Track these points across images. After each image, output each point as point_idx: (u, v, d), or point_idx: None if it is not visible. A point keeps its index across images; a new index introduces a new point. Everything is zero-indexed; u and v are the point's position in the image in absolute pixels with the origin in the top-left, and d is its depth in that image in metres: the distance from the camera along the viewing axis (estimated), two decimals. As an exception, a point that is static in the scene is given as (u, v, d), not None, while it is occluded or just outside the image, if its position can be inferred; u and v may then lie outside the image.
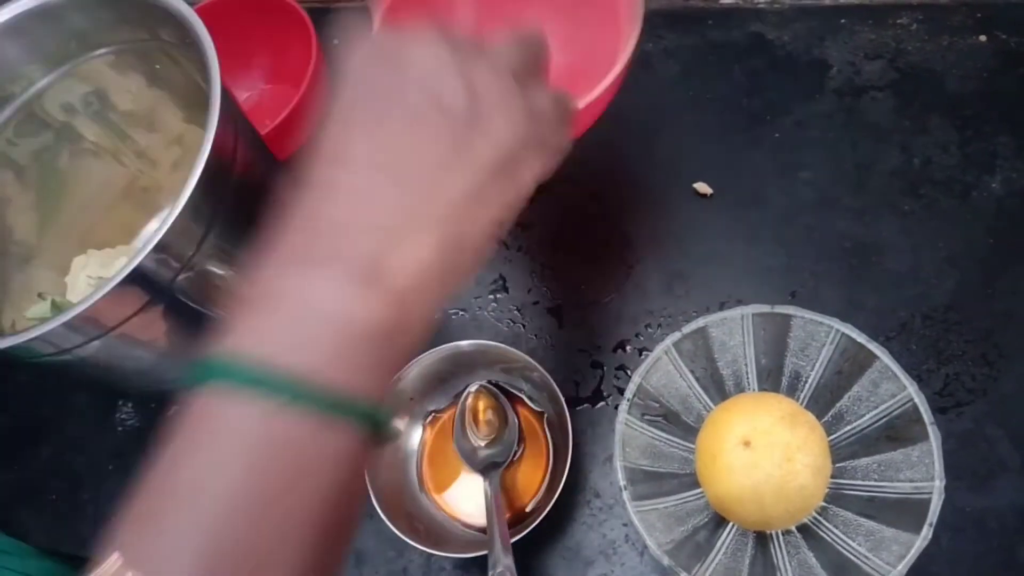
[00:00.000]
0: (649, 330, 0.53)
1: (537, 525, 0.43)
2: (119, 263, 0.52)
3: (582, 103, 0.46)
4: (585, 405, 0.52)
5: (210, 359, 0.22)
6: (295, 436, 0.21)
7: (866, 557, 0.40)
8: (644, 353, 0.52)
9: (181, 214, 0.34)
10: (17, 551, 0.57)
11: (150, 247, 0.33)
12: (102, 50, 0.44)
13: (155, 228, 0.42)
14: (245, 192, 0.39)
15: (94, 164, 0.51)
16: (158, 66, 0.46)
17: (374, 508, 0.44)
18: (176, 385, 0.47)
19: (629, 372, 0.52)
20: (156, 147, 0.51)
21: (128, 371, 0.42)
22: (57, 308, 0.46)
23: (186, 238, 0.35)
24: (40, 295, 0.48)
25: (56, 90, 0.45)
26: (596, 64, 0.50)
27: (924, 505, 0.39)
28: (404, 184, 0.25)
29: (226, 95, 0.37)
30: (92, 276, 0.49)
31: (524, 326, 0.55)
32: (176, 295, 0.36)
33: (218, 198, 0.36)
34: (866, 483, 0.43)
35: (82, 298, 0.35)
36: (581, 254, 0.57)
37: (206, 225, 0.36)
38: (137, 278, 0.34)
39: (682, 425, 0.47)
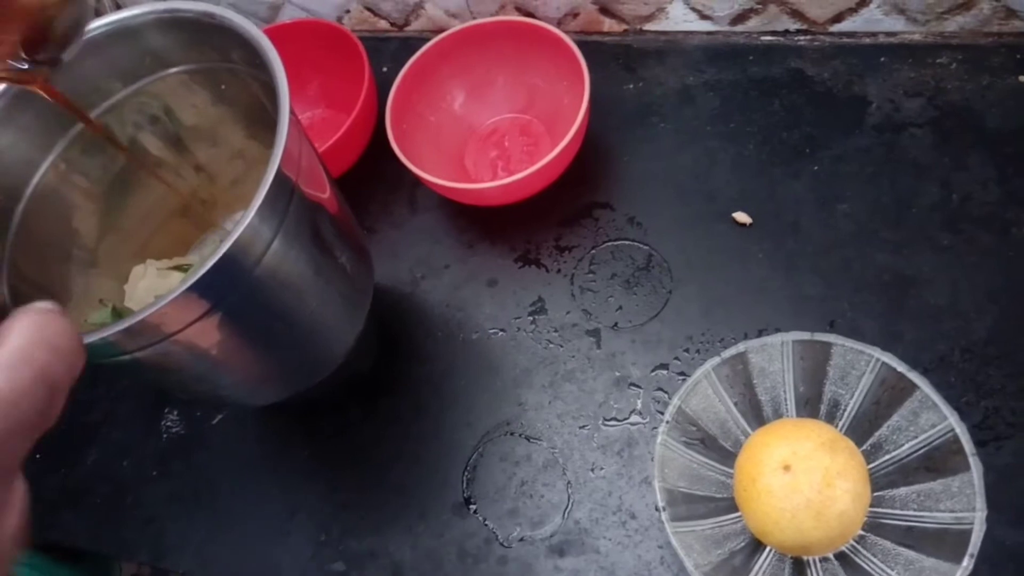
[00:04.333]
0: (687, 354, 0.54)
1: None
2: (174, 274, 0.54)
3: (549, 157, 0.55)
4: (622, 425, 0.52)
5: None
6: None
7: (905, 586, 0.40)
8: (682, 376, 0.52)
9: (250, 223, 0.35)
10: (46, 566, 0.59)
11: (219, 255, 0.34)
12: (174, 69, 0.47)
13: (221, 236, 0.43)
14: (307, 206, 0.41)
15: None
16: (223, 86, 0.48)
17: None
18: (229, 393, 0.48)
19: (667, 394, 0.52)
20: (217, 161, 0.53)
21: (185, 377, 0.43)
22: (117, 314, 0.48)
23: (252, 246, 0.37)
24: (101, 301, 0.50)
25: (128, 105, 0.48)
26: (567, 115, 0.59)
27: (965, 536, 0.39)
28: None
29: (293, 113, 0.39)
30: (149, 286, 0.51)
31: (561, 347, 0.56)
32: (238, 303, 0.38)
33: (283, 209, 0.38)
34: (905, 512, 0.43)
35: (141, 306, 0.36)
36: (620, 278, 0.58)
37: (271, 234, 0.37)
38: (201, 286, 0.35)
39: (719, 450, 0.47)
